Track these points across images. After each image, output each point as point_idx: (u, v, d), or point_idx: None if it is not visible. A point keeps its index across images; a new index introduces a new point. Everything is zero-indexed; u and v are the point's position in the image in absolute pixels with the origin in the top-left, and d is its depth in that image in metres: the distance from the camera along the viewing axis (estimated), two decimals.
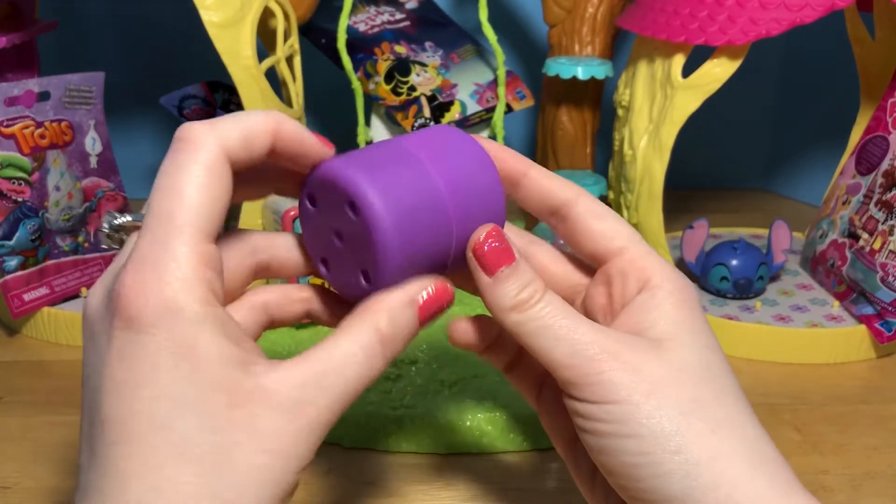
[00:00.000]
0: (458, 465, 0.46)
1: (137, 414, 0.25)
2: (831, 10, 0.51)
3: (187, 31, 0.66)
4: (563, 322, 0.30)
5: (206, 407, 0.25)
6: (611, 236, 0.32)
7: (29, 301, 0.59)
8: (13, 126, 0.57)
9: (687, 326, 0.31)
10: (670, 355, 0.30)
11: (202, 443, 0.25)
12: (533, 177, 0.33)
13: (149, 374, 0.25)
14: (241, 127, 0.28)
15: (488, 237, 0.31)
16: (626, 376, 0.29)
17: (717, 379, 0.30)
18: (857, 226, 0.61)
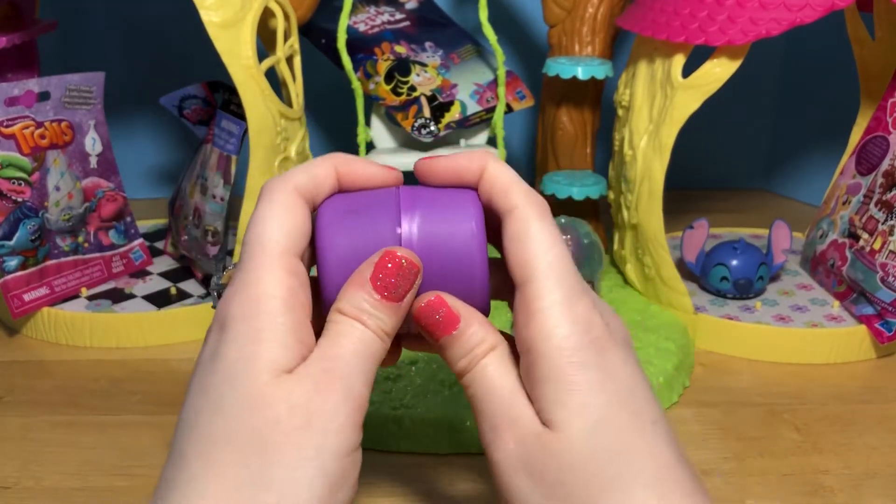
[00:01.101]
0: (458, 465, 0.46)
1: (204, 395, 0.28)
2: (831, 10, 0.51)
3: (187, 31, 0.66)
4: (484, 393, 0.30)
5: (252, 386, 0.27)
6: (521, 264, 0.30)
7: (29, 301, 0.59)
8: (13, 126, 0.57)
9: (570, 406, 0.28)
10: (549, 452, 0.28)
11: (245, 422, 0.27)
12: (485, 177, 0.32)
13: (220, 360, 0.28)
14: (307, 170, 0.32)
15: (428, 307, 0.31)
16: (511, 475, 0.29)
17: (601, 471, 0.28)
18: (857, 226, 0.61)
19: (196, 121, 0.67)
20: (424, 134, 0.66)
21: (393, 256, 0.30)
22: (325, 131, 0.89)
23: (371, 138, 0.69)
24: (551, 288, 0.29)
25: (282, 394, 0.27)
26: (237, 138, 0.60)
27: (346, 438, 0.28)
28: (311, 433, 0.27)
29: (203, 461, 0.27)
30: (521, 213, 0.31)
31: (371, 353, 0.30)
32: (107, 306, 0.61)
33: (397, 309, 0.31)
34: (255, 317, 0.28)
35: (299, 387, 0.28)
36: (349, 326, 0.30)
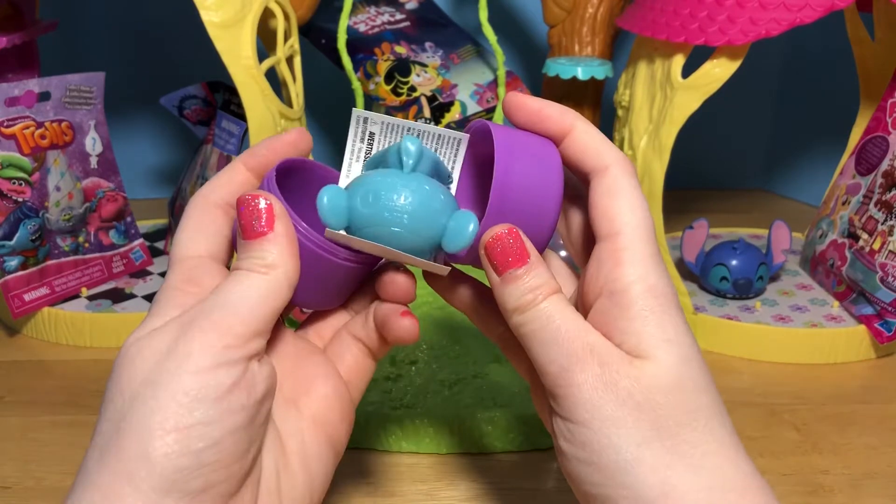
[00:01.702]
0: (458, 465, 0.46)
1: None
2: (831, 10, 0.51)
3: (187, 32, 0.66)
4: (554, 326, 0.30)
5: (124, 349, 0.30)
6: (611, 217, 0.31)
7: (29, 301, 0.59)
8: (14, 126, 0.57)
9: (663, 339, 0.30)
10: (641, 375, 0.29)
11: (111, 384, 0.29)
12: (574, 137, 0.32)
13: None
14: (214, 180, 0.35)
15: (500, 237, 0.30)
16: (592, 395, 0.29)
17: (688, 401, 0.29)
18: (856, 226, 0.61)
19: (196, 121, 0.67)
20: None
21: (240, 201, 0.31)
22: (325, 131, 0.89)
23: None
24: (644, 240, 0.31)
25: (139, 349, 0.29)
26: (237, 138, 0.61)
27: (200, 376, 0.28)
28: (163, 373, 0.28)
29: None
30: (615, 171, 0.32)
31: (268, 296, 0.30)
32: (107, 306, 0.61)
33: (274, 239, 0.31)
34: (153, 314, 0.31)
35: (160, 335, 0.29)
36: (243, 277, 0.30)
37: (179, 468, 0.27)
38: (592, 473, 0.29)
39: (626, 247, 0.31)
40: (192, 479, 0.27)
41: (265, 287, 0.30)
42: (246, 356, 0.29)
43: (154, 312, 0.31)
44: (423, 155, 0.32)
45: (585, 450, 0.29)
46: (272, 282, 0.30)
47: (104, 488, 0.27)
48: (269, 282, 0.30)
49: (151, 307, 0.31)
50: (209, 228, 0.33)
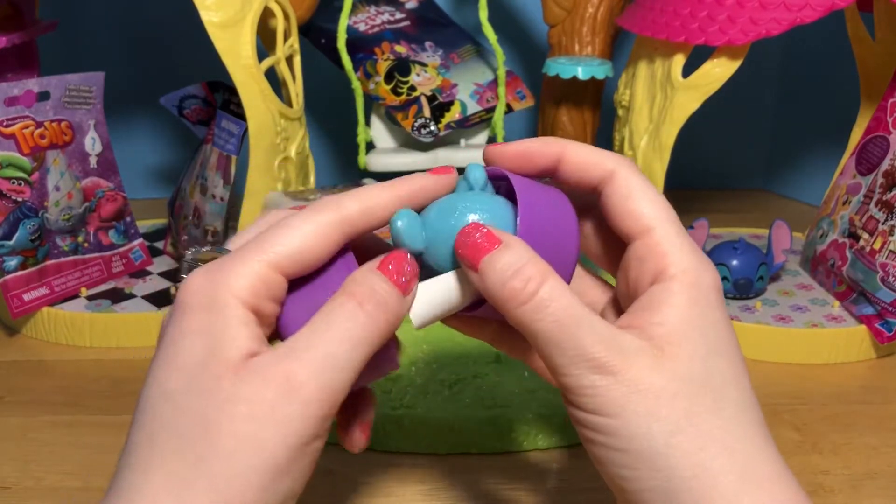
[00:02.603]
0: (458, 465, 0.46)
1: (157, 386, 0.27)
2: (831, 10, 0.51)
3: (187, 31, 0.66)
4: (565, 327, 0.28)
5: (203, 378, 0.27)
6: (637, 216, 0.31)
7: (29, 301, 0.58)
8: (13, 126, 0.57)
9: (696, 328, 0.29)
10: (670, 364, 0.28)
11: (193, 410, 0.26)
12: (568, 157, 0.32)
13: (174, 352, 0.27)
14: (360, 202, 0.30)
15: (466, 232, 0.29)
16: (620, 390, 0.28)
17: (718, 389, 0.29)
18: (857, 226, 0.61)
19: (196, 121, 0.67)
20: (424, 134, 0.66)
21: (399, 252, 0.30)
22: (325, 131, 0.89)
23: (371, 138, 0.69)
24: (677, 231, 0.31)
25: (228, 383, 0.27)
26: (237, 138, 0.61)
27: (295, 431, 0.27)
28: (253, 423, 0.26)
29: (147, 449, 0.26)
30: (622, 173, 0.31)
31: (365, 340, 0.28)
32: (107, 306, 0.61)
33: (402, 300, 0.30)
34: (213, 308, 0.28)
35: (256, 377, 0.27)
36: (351, 309, 0.28)
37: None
38: (622, 458, 0.28)
39: (662, 240, 0.30)
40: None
41: (368, 339, 0.28)
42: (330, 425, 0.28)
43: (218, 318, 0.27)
44: (487, 184, 0.32)
45: (616, 438, 0.28)
46: (376, 331, 0.29)
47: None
48: (375, 330, 0.28)
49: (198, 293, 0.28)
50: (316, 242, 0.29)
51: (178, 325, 0.28)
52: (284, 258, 0.28)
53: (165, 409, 0.27)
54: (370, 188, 0.31)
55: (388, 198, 0.31)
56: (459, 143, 0.70)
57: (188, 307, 0.28)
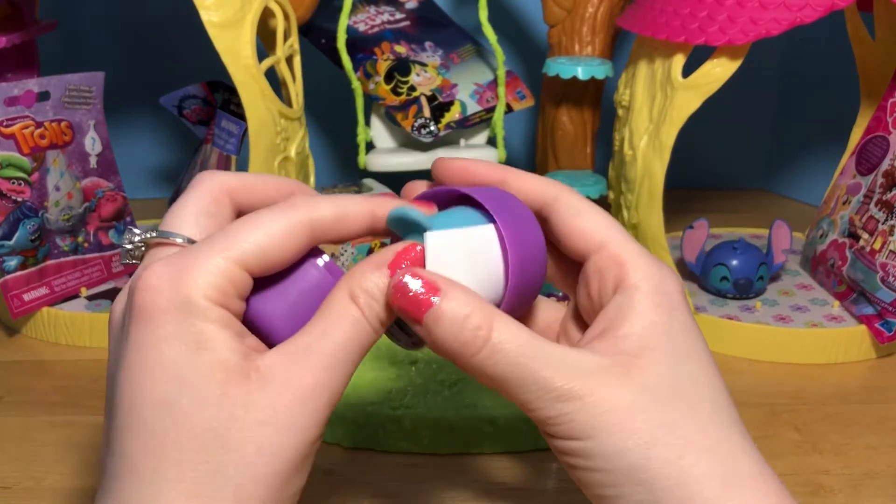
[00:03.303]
0: (458, 465, 0.46)
1: (143, 395, 0.26)
2: (831, 10, 0.51)
3: (187, 31, 0.66)
4: (522, 365, 0.28)
5: (206, 386, 0.26)
6: (589, 232, 0.31)
7: (29, 301, 0.58)
8: (13, 126, 0.57)
9: (662, 333, 0.29)
10: (638, 377, 0.28)
11: (201, 419, 0.26)
12: (510, 183, 0.32)
13: (156, 359, 0.26)
14: (335, 206, 0.30)
15: (397, 285, 0.28)
16: (591, 414, 0.28)
17: (691, 393, 0.29)
18: (857, 226, 0.61)
19: (196, 121, 0.67)
20: (424, 134, 0.66)
21: (414, 247, 0.29)
22: (325, 131, 0.89)
23: (371, 138, 0.69)
24: (631, 242, 0.31)
25: (240, 391, 0.26)
26: (237, 138, 0.61)
27: (308, 434, 0.27)
28: (270, 429, 0.26)
29: (154, 460, 0.26)
30: (566, 196, 0.32)
31: (361, 344, 0.28)
32: (107, 306, 0.61)
33: None
34: (187, 310, 0.27)
35: (269, 384, 0.27)
36: (348, 311, 0.28)
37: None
38: (603, 478, 0.28)
39: (619, 251, 0.30)
40: None
41: (362, 343, 0.28)
42: None
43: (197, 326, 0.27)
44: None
45: (594, 460, 0.28)
46: (371, 335, 0.29)
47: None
48: (370, 335, 0.29)
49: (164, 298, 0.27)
50: (279, 237, 0.28)
51: (149, 329, 0.26)
52: (250, 256, 0.27)
53: (166, 420, 0.26)
54: (346, 196, 0.30)
55: (363, 209, 0.30)
56: (459, 143, 0.70)
57: (157, 309, 0.26)
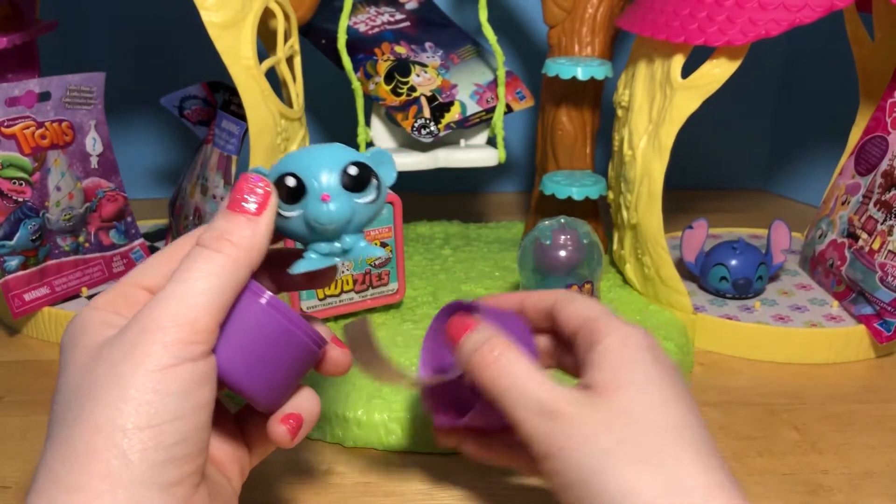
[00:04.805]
0: (458, 465, 0.46)
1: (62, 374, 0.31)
2: (830, 10, 0.51)
3: (188, 32, 0.66)
4: (520, 380, 0.34)
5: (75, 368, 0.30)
6: (578, 313, 0.37)
7: (29, 301, 0.59)
8: (14, 126, 0.57)
9: (626, 367, 0.34)
10: (606, 402, 0.33)
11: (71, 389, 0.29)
12: (528, 304, 0.40)
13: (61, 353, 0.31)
14: None
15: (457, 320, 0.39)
16: (561, 430, 0.33)
17: (649, 415, 0.32)
18: (856, 226, 0.61)
19: (196, 121, 0.67)
20: (424, 134, 0.66)
21: (243, 178, 0.32)
22: (325, 131, 0.89)
23: (371, 138, 0.69)
24: (612, 314, 0.37)
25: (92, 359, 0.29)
26: (237, 138, 0.61)
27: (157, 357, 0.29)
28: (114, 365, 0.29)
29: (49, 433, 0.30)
30: (561, 295, 0.39)
31: (227, 284, 0.30)
32: None
33: (256, 222, 0.31)
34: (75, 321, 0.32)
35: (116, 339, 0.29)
36: (204, 259, 0.31)
37: (156, 462, 0.28)
38: (572, 495, 0.32)
39: (598, 320, 0.36)
40: (168, 472, 0.28)
41: (226, 273, 0.30)
42: (207, 350, 0.30)
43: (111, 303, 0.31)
44: None
45: (562, 476, 0.33)
46: (233, 265, 0.31)
47: (82, 488, 0.27)
48: (231, 265, 0.30)
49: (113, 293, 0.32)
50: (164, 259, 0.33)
51: (60, 346, 0.32)
52: (140, 276, 0.33)
53: (55, 406, 0.30)
54: None
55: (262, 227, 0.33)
56: (459, 143, 0.70)
57: (65, 332, 0.32)
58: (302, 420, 0.34)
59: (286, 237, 0.34)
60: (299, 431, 0.34)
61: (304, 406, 0.35)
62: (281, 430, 0.34)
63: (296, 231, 0.33)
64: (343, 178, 0.32)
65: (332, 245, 0.33)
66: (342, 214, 0.32)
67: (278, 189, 0.32)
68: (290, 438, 0.34)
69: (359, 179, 0.32)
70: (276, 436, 0.34)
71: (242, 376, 0.32)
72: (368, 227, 0.36)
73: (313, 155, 0.33)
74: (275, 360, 0.32)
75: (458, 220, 0.80)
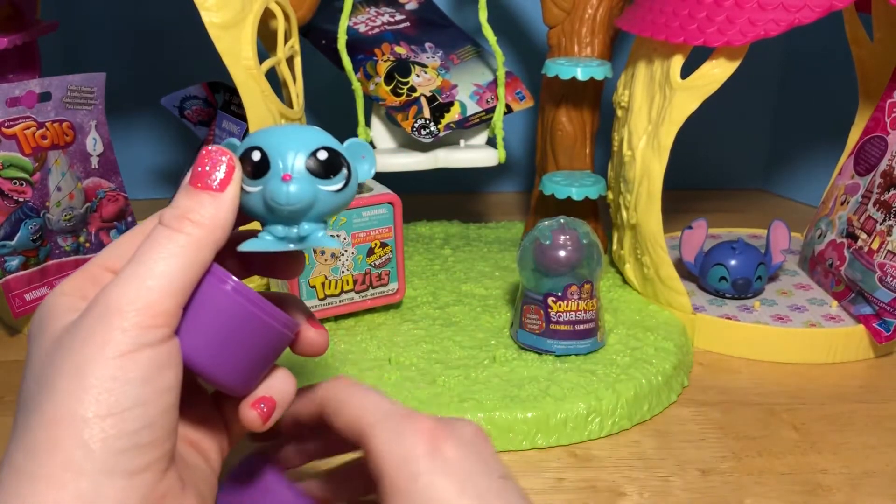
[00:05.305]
0: None
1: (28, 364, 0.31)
2: (829, 10, 0.51)
3: (188, 32, 0.66)
4: None
5: (38, 356, 0.29)
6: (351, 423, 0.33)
7: (30, 301, 0.59)
8: (15, 126, 0.57)
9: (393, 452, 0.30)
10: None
11: (31, 383, 0.29)
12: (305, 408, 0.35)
13: (28, 342, 0.31)
14: None
15: None
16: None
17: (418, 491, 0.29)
18: (855, 226, 0.61)
19: (197, 121, 0.67)
20: (424, 134, 0.66)
21: (205, 151, 0.31)
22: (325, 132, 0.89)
23: (371, 138, 0.69)
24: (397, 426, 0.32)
25: (55, 344, 0.29)
26: (238, 139, 0.61)
27: (116, 342, 0.28)
28: (74, 353, 0.28)
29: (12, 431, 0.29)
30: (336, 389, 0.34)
31: (188, 265, 0.30)
32: None
33: (219, 199, 0.30)
34: (42, 308, 0.31)
35: (77, 324, 0.29)
36: (165, 240, 0.30)
37: (119, 450, 0.27)
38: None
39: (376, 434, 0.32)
40: (132, 459, 0.28)
41: (187, 253, 0.29)
42: (169, 334, 0.29)
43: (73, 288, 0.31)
44: None
45: None
46: (195, 246, 0.30)
47: (44, 479, 0.27)
48: (192, 245, 0.30)
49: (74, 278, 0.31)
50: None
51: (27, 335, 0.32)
52: (105, 258, 0.31)
53: (20, 397, 0.29)
54: None
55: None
56: (459, 143, 0.70)
57: (32, 320, 0.31)
58: (275, 404, 0.33)
59: (246, 214, 0.33)
60: (272, 415, 0.33)
61: (277, 388, 0.34)
62: (252, 414, 0.33)
63: (254, 209, 0.31)
64: (310, 161, 0.31)
65: (289, 230, 0.31)
66: (301, 198, 0.30)
67: (243, 163, 0.31)
68: (261, 423, 0.33)
69: (327, 165, 0.31)
70: (248, 420, 0.33)
71: (207, 362, 0.31)
72: (362, 228, 0.34)
73: (286, 133, 0.31)
74: (240, 344, 0.31)
75: (458, 220, 0.80)
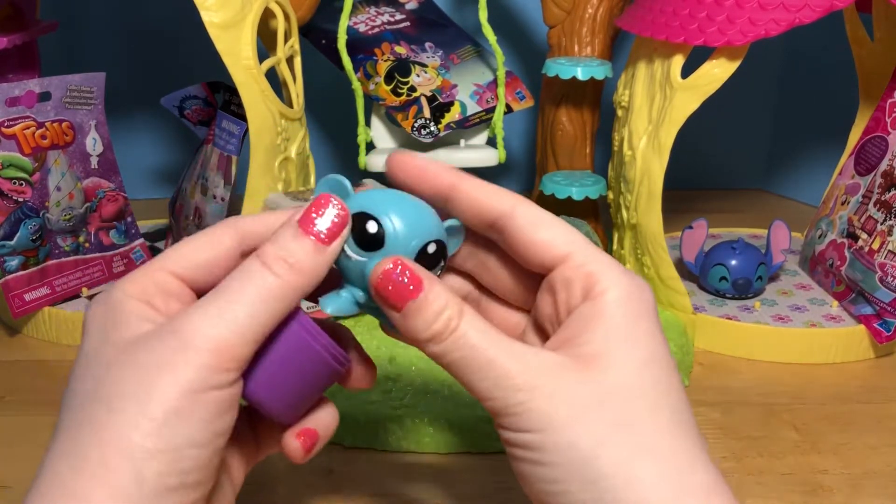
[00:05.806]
0: (458, 465, 0.46)
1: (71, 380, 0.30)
2: (830, 10, 0.51)
3: (188, 32, 0.66)
4: (483, 352, 0.29)
5: (96, 360, 0.28)
6: (552, 244, 0.31)
7: (30, 301, 0.59)
8: (14, 126, 0.57)
9: (627, 338, 0.29)
10: (598, 375, 0.28)
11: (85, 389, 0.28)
12: (463, 190, 0.31)
13: (84, 339, 0.30)
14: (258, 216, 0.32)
15: (388, 274, 0.29)
16: (545, 404, 0.28)
17: (648, 397, 0.29)
18: (855, 226, 0.61)
19: (197, 121, 0.67)
20: (424, 134, 0.66)
21: (324, 198, 0.30)
22: (325, 131, 0.89)
23: (371, 138, 0.69)
24: (596, 251, 0.31)
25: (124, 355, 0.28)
26: (238, 139, 0.61)
27: (189, 377, 0.27)
28: (147, 373, 0.27)
29: (54, 440, 0.28)
30: (523, 208, 0.31)
31: (274, 312, 0.29)
32: None
33: (322, 252, 0.29)
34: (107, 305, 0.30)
35: (150, 339, 0.28)
36: (259, 279, 0.29)
37: (169, 487, 0.27)
38: (551, 472, 0.28)
39: (586, 262, 0.30)
40: (178, 498, 0.27)
41: (277, 299, 0.29)
42: (237, 378, 0.29)
43: None
44: None
45: (544, 453, 0.28)
46: (286, 290, 0.29)
47: (85, 499, 0.26)
48: (284, 290, 0.29)
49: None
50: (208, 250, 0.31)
51: (83, 329, 0.30)
52: (173, 262, 0.30)
53: (69, 399, 0.29)
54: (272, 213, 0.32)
55: (286, 215, 0.31)
56: (459, 143, 0.70)
57: (90, 315, 0.30)
58: (318, 437, 0.33)
59: None
60: (314, 448, 0.33)
61: (322, 422, 0.33)
62: (295, 444, 0.32)
63: (345, 272, 0.31)
64: (418, 254, 0.30)
65: (366, 296, 0.31)
66: None
67: (353, 222, 0.30)
68: (303, 454, 0.33)
69: (434, 259, 0.31)
70: (290, 450, 0.32)
71: (266, 396, 0.30)
72: None
73: (405, 213, 0.30)
74: (298, 378, 0.31)
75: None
